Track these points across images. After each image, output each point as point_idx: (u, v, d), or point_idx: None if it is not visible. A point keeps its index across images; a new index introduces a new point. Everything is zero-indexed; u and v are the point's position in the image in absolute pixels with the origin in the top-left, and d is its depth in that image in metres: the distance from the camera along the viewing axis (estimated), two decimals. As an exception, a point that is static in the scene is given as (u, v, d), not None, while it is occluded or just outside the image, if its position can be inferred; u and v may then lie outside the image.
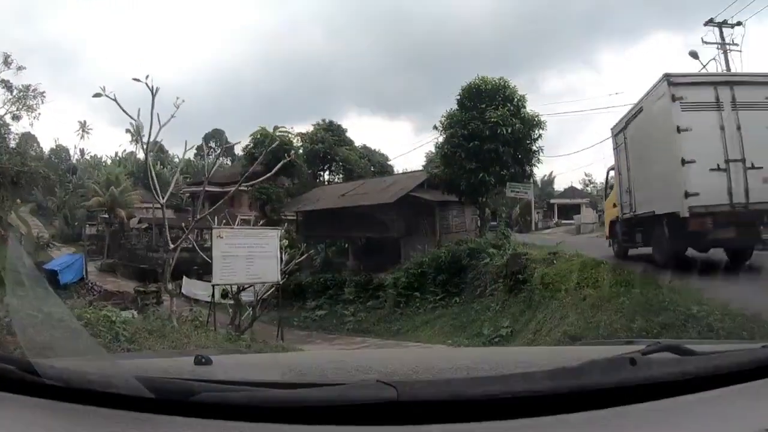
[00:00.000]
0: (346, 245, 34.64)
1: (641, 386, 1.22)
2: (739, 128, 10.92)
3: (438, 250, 24.74)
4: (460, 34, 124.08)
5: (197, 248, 19.54)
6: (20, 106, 41.22)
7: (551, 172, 58.15)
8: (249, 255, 13.60)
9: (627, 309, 9.40)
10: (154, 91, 10.72)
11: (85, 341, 2.03)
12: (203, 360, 1.63)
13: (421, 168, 33.66)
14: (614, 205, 16.96)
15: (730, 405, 1.25)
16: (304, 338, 25.46)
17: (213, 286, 15.14)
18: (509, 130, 24.72)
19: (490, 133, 24.92)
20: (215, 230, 14.22)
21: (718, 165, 10.87)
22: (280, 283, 15.17)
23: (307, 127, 46.52)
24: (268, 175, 15.54)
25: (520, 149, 26.12)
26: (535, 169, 27.79)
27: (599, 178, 57.80)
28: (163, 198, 11.82)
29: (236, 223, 19.71)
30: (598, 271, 13.48)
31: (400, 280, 24.81)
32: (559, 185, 64.79)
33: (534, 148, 27.13)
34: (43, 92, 42.54)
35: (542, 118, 26.50)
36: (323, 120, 48.39)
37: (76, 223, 58.23)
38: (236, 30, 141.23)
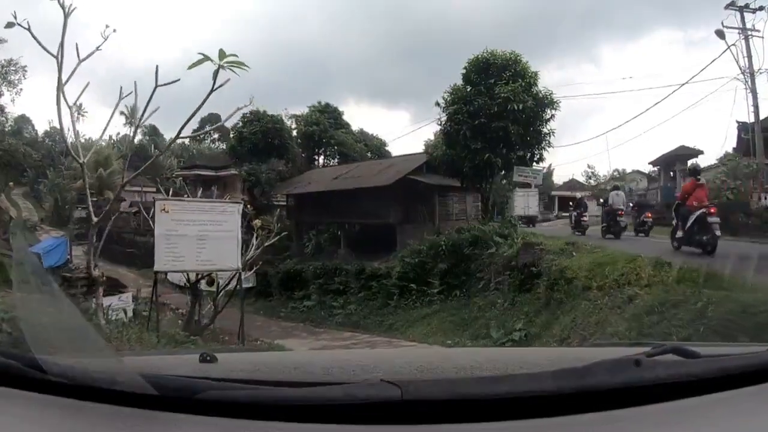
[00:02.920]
0: (339, 232, 31.62)
1: (646, 388, 1.19)
2: None
3: (437, 238, 21.78)
4: (459, 23, 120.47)
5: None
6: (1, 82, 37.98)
7: (550, 165, 54.98)
8: (201, 235, 10.48)
9: (715, 315, 6.41)
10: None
11: (90, 338, 1.65)
12: (208, 358, 1.59)
13: (420, 151, 30.42)
14: None
15: (736, 408, 1.21)
16: (288, 331, 22.64)
17: (155, 273, 12.09)
18: (520, 107, 21.70)
19: (498, 109, 21.94)
20: (158, 202, 11.13)
21: None
22: (241, 271, 12.01)
23: (302, 110, 43.31)
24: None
25: (531, 130, 23.08)
26: (545, 154, 24.74)
27: (603, 171, 54.58)
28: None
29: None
30: (637, 266, 10.44)
31: (395, 270, 21.89)
32: (560, 178, 61.78)
33: (545, 130, 24.12)
34: (25, 66, 39.23)
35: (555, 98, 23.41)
36: (319, 102, 45.12)
37: (66, 207, 55.78)
38: (235, 17, 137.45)
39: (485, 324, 15.29)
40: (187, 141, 77.13)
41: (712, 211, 12.12)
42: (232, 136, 36.89)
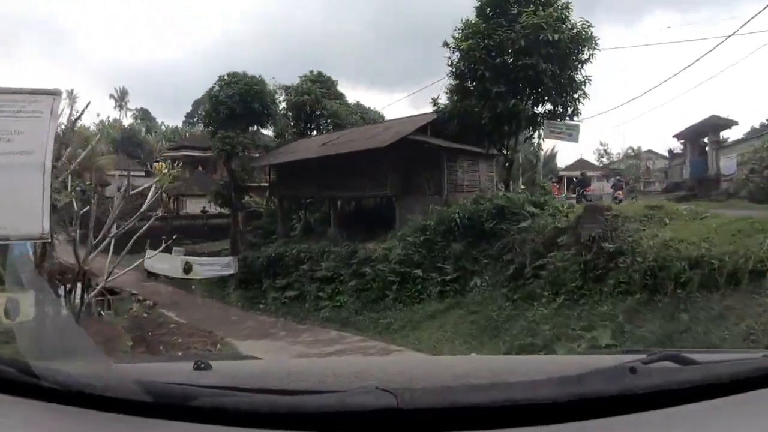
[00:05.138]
0: (329, 209, 26.11)
1: (642, 395, 1.15)
2: None
3: (449, 210, 16.34)
4: (457, 8, 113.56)
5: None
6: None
7: (553, 147, 48.66)
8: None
9: None
10: None
11: (84, 344, 1.68)
12: (202, 365, 1.53)
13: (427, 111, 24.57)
14: None
15: (732, 414, 1.18)
16: (263, 329, 18.09)
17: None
18: (556, 38, 16.15)
19: (526, 43, 16.38)
20: None
21: None
22: (49, 240, 6.07)
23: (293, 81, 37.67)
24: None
25: (563, 73, 17.53)
26: (580, 107, 19.09)
27: (615, 149, 48.74)
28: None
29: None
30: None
31: (394, 252, 16.54)
32: (566, 159, 55.49)
33: (579, 76, 18.56)
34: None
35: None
36: (311, 71, 39.36)
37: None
38: (231, 3, 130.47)
39: (529, 329, 10.01)
40: (179, 124, 72.47)
41: None
42: (207, 101, 31.11)
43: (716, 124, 28.31)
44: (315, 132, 39.21)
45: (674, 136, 38.01)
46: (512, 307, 11.58)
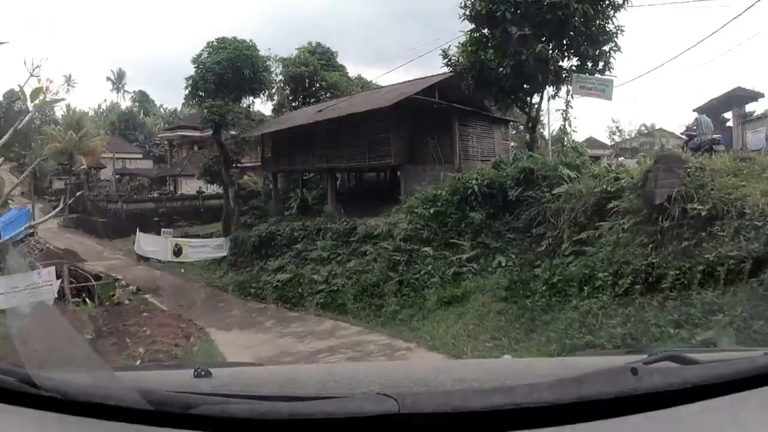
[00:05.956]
0: (327, 183, 23.39)
1: (643, 396, 1.14)
2: None
3: (465, 176, 13.62)
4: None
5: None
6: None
7: (562, 126, 45.36)
8: None
9: None
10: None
11: (84, 352, 1.52)
12: (203, 372, 1.50)
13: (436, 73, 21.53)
14: None
15: (733, 413, 1.17)
16: (251, 318, 15.87)
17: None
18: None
19: (555, -22, 13.46)
20: None
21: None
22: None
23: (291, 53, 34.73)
24: None
25: (596, 14, 14.65)
26: (612, 60, 16.16)
27: (627, 126, 45.41)
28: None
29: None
30: None
31: (399, 228, 13.88)
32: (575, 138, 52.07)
33: (611, 26, 15.68)
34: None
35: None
36: (309, 42, 36.34)
37: (48, 177, 51.21)
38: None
39: (583, 323, 7.33)
40: (178, 106, 70.24)
41: None
42: (194, 68, 28.17)
43: (741, 96, 25.66)
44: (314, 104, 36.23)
45: (694, 110, 35.09)
46: (550, 292, 8.91)
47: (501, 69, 14.61)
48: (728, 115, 25.89)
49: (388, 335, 10.52)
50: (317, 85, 33.03)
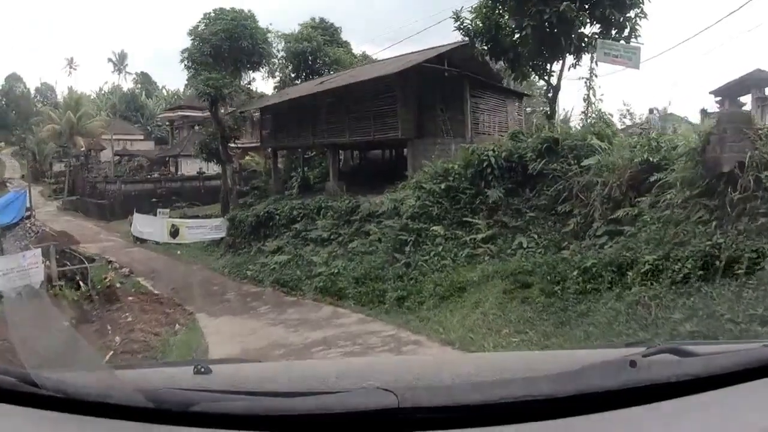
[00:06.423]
0: (330, 159, 21.99)
1: (642, 388, 1.14)
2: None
3: (480, 147, 12.20)
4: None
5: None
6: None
7: (567, 112, 43.09)
8: None
9: None
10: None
11: (84, 352, 2.02)
12: (202, 369, 1.49)
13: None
14: None
15: (732, 405, 1.16)
16: (244, 301, 14.64)
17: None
18: None
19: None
20: None
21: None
22: None
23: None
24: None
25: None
26: (638, 28, 14.61)
27: (640, 110, 43.70)
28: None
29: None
30: None
31: (407, 205, 12.50)
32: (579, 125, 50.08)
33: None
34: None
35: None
36: (312, 18, 34.66)
37: (49, 160, 50.75)
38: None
39: (631, 315, 5.96)
40: (181, 87, 69.25)
41: None
42: (190, 40, 26.60)
43: (761, 79, 24.10)
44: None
45: (711, 93, 33.55)
46: (583, 278, 7.56)
47: (519, 33, 13.11)
48: (746, 98, 24.48)
49: (393, 325, 9.21)
50: (320, 61, 31.47)
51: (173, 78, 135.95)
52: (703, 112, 37.26)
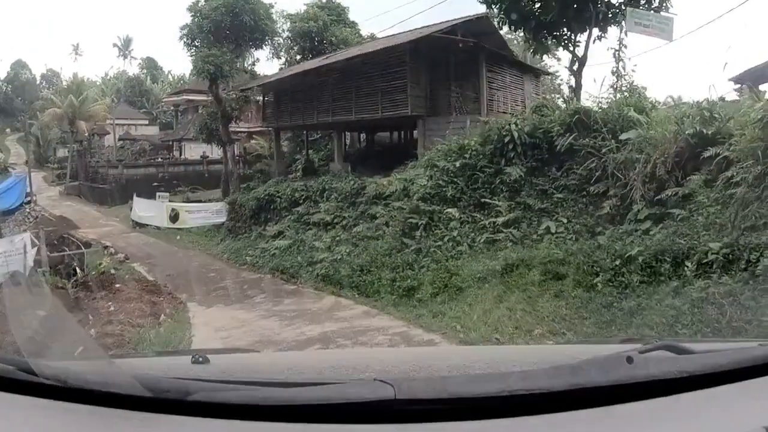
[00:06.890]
0: (336, 139, 20.78)
1: (639, 384, 1.13)
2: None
3: (500, 121, 10.98)
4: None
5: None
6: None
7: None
8: None
9: None
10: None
11: (82, 340, 1.92)
12: (200, 359, 1.50)
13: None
14: None
15: (728, 403, 1.16)
16: (241, 289, 13.35)
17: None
18: None
19: None
20: None
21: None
22: None
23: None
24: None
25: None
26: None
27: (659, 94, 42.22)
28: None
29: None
30: None
31: (418, 184, 11.31)
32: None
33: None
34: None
35: None
36: (319, -1, 33.26)
37: (52, 146, 50.55)
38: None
39: (697, 316, 4.75)
40: (186, 72, 68.50)
41: None
42: (190, 16, 25.29)
43: None
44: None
45: (730, 80, 32.18)
46: (628, 269, 6.38)
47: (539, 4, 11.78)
48: (765, 86, 23.01)
49: (402, 320, 8.07)
50: (327, 41, 30.08)
51: (179, 63, 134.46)
52: (721, 99, 35.70)
